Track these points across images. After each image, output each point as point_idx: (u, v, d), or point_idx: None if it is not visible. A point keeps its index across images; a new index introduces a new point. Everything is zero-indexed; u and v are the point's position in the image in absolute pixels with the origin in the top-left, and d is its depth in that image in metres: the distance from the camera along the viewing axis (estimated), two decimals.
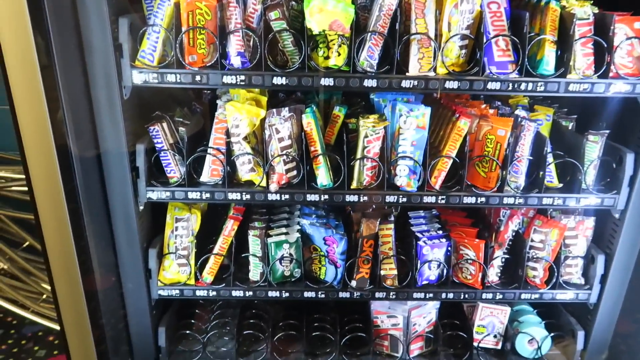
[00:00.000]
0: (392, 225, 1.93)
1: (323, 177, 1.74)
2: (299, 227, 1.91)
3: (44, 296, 3.00)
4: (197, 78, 1.60)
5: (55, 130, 1.46)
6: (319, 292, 1.93)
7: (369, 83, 1.60)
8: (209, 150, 1.75)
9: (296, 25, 1.65)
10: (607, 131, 1.76)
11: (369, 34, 1.57)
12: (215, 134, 1.76)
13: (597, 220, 1.94)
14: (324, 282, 1.95)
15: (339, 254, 1.89)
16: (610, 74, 1.63)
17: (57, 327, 2.71)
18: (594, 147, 1.77)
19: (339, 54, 1.59)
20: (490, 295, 1.96)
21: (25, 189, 3.04)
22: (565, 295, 1.95)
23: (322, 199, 1.76)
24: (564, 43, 1.62)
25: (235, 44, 1.59)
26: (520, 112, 1.84)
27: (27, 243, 3.23)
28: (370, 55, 1.59)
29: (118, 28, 1.56)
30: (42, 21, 1.36)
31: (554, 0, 1.64)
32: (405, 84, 1.61)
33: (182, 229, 1.90)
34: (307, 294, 1.93)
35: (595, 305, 1.97)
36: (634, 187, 1.76)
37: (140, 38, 1.61)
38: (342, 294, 1.93)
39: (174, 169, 1.77)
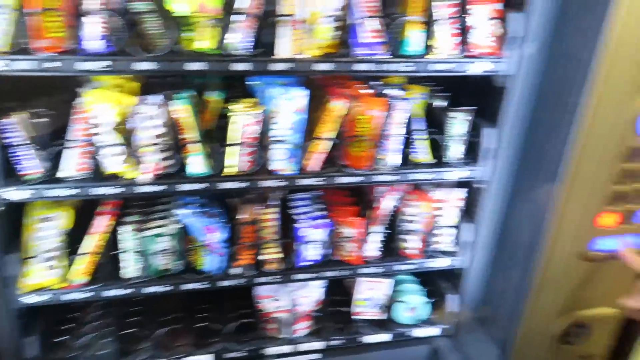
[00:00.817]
0: (273, 209, 1.92)
1: (198, 165, 1.68)
2: (179, 218, 1.84)
3: None
4: (52, 65, 1.44)
5: None
6: (201, 283, 1.88)
7: (240, 67, 1.56)
8: (72, 143, 1.61)
9: (164, 5, 1.55)
10: (471, 108, 1.89)
11: (241, 15, 1.52)
12: (78, 125, 1.61)
13: (468, 191, 2.09)
14: (206, 272, 1.90)
15: (221, 242, 1.85)
16: (470, 53, 1.74)
17: None
18: (458, 123, 1.89)
19: (210, 37, 1.53)
20: (369, 270, 2.04)
21: None
22: (438, 263, 2.10)
23: (200, 187, 1.70)
24: (428, 23, 1.70)
25: (94, 27, 1.45)
26: (394, 92, 1.91)
27: None
28: (242, 37, 1.54)
29: None
30: None
31: None
32: (277, 66, 1.59)
33: (48, 229, 1.74)
34: (188, 286, 1.87)
35: (466, 270, 2.14)
36: (495, 159, 1.91)
37: None
38: (225, 282, 1.90)
39: (35, 165, 1.60)
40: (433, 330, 2.24)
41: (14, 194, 1.58)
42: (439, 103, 1.95)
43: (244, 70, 1.55)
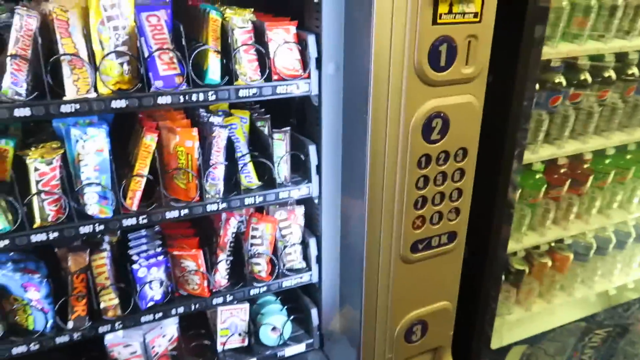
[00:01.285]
0: (104, 254, 1.82)
1: None
2: None
3: None
4: None
5: None
6: (31, 345, 1.74)
7: (20, 112, 1.46)
8: None
9: None
10: (288, 128, 1.91)
11: (9, 58, 1.43)
12: None
13: (306, 207, 2.11)
14: (35, 332, 1.76)
15: (44, 298, 1.72)
16: (275, 77, 1.76)
17: None
18: (280, 144, 1.91)
19: None
20: (220, 300, 2.00)
21: None
22: (290, 282, 2.10)
23: (2, 245, 1.57)
24: (227, 51, 1.70)
25: None
26: (215, 119, 1.89)
27: None
28: (14, 82, 1.44)
29: None
30: None
31: (213, 11, 1.70)
32: (65, 108, 1.50)
33: None
34: (16, 350, 1.73)
35: (319, 283, 2.16)
36: (321, 174, 1.95)
37: None
38: (59, 340, 1.77)
39: None
40: (299, 347, 2.24)
41: None
42: (262, 125, 1.96)
43: (22, 117, 1.46)
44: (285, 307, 2.28)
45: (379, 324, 1.89)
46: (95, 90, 1.54)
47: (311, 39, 1.74)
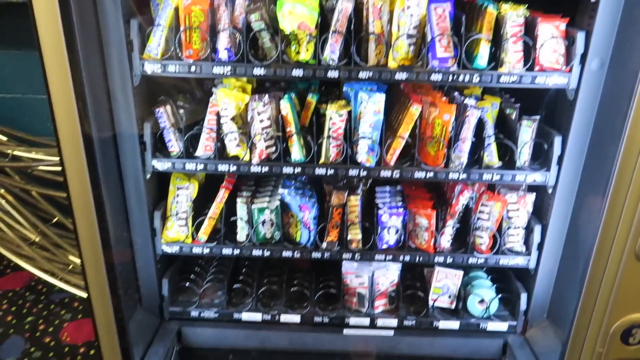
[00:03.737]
0: (358, 197, 2.26)
1: (296, 153, 2.09)
2: (280, 196, 2.27)
3: (70, 267, 3.39)
4: (192, 69, 1.97)
5: (80, 115, 1.70)
6: (295, 252, 2.28)
7: (332, 74, 1.94)
8: (203, 129, 2.12)
9: (275, 25, 2.00)
10: (538, 116, 2.06)
11: (331, 32, 1.91)
12: (209, 115, 2.13)
13: (537, 194, 2.24)
14: (299, 244, 2.30)
15: (312, 219, 2.24)
16: (537, 68, 1.93)
17: (83, 295, 3.13)
18: (527, 131, 2.08)
19: (307, 50, 1.94)
20: (441, 259, 2.28)
21: (51, 168, 3.48)
22: (507, 260, 2.26)
23: (295, 171, 2.11)
24: (498, 41, 1.93)
25: (223, 41, 1.95)
26: (469, 101, 2.15)
27: (56, 219, 3.65)
28: (332, 50, 1.93)
29: (130, 28, 1.93)
30: (70, 23, 1.65)
31: (491, 5, 1.95)
32: (362, 75, 1.94)
33: (182, 195, 2.28)
34: (285, 254, 2.29)
35: (535, 270, 2.27)
36: (561, 165, 2.05)
37: (148, 35, 1.98)
38: (314, 254, 2.28)
39: (174, 145, 2.15)
40: (502, 325, 2.39)
41: (159, 164, 2.13)
42: (511, 113, 2.14)
43: (332, 78, 1.94)
44: (495, 285, 2.44)
45: (595, 320, 1.92)
46: (386, 64, 1.94)
47: (580, 36, 1.85)
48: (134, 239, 2.25)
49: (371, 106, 2.03)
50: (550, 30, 1.92)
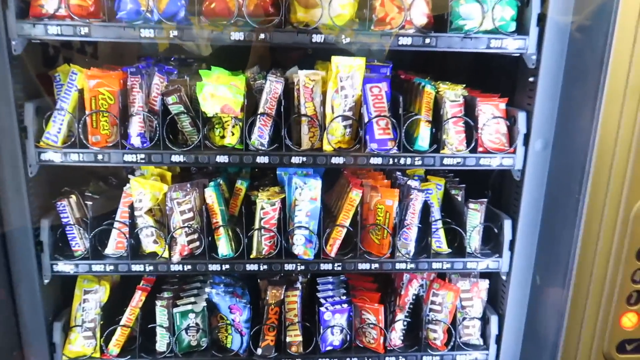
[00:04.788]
0: (297, 292, 2.01)
1: (223, 247, 1.84)
2: (207, 296, 1.97)
3: None
4: (99, 157, 1.71)
5: None
6: None
7: (261, 160, 1.74)
8: (114, 224, 1.83)
9: (196, 107, 1.80)
10: (485, 199, 1.93)
11: (258, 115, 1.73)
12: (122, 208, 1.85)
13: (491, 281, 2.07)
14: (230, 351, 1.99)
15: (244, 322, 1.95)
16: (480, 149, 1.82)
17: None
18: (475, 214, 1.93)
19: (233, 134, 1.74)
20: (393, 359, 2.03)
21: None
22: (465, 357, 2.04)
23: (223, 268, 1.84)
24: (437, 122, 1.82)
25: (136, 125, 1.72)
26: (412, 182, 2.00)
27: None
28: (260, 135, 1.74)
29: (24, 112, 1.67)
30: None
31: (428, 85, 1.85)
32: (295, 160, 1.75)
33: (91, 301, 1.94)
34: None
35: None
36: (514, 250, 1.91)
37: (47, 120, 1.72)
38: None
39: (79, 243, 1.84)
40: None
41: (60, 266, 1.81)
42: (456, 194, 2.01)
43: (262, 163, 1.73)
44: None
45: None
46: (321, 147, 1.77)
47: (521, 116, 1.77)
48: (27, 358, 1.86)
49: (307, 193, 1.83)
50: (491, 110, 1.84)
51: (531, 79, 1.75)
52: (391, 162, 1.79)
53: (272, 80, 1.75)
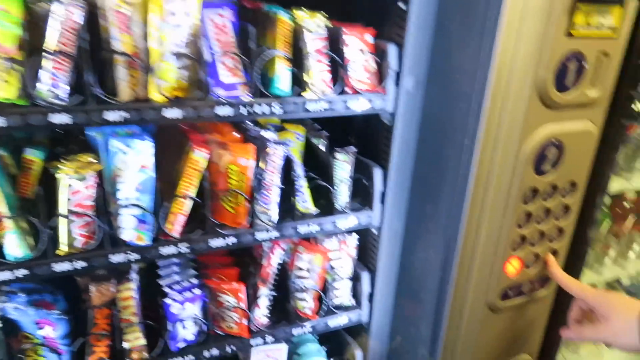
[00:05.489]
0: (132, 285, 1.56)
1: (14, 246, 1.28)
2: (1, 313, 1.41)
3: None
4: None
5: None
6: None
7: (58, 119, 1.20)
8: None
9: None
10: (354, 148, 1.68)
11: (49, 55, 1.17)
12: None
13: (360, 237, 1.87)
14: None
15: (60, 338, 1.45)
16: (348, 91, 1.52)
17: None
18: (344, 166, 1.67)
19: (9, 82, 1.16)
20: (260, 341, 1.74)
21: None
22: (338, 321, 1.85)
23: (16, 276, 1.29)
24: (297, 59, 1.46)
25: None
26: (269, 134, 1.64)
27: None
28: (54, 83, 1.18)
29: None
30: None
31: (282, 12, 1.46)
32: (111, 116, 1.25)
33: None
34: None
35: (368, 323, 1.92)
36: (384, 202, 1.71)
37: None
38: None
39: None
40: None
41: None
42: (319, 144, 1.72)
43: (61, 124, 1.20)
44: (325, 347, 2.03)
45: None
46: (147, 97, 1.29)
47: (392, 50, 1.51)
48: None
49: (133, 159, 1.35)
50: (357, 44, 1.53)
51: (401, 4, 1.48)
52: (244, 111, 1.39)
53: (65, 2, 1.19)
